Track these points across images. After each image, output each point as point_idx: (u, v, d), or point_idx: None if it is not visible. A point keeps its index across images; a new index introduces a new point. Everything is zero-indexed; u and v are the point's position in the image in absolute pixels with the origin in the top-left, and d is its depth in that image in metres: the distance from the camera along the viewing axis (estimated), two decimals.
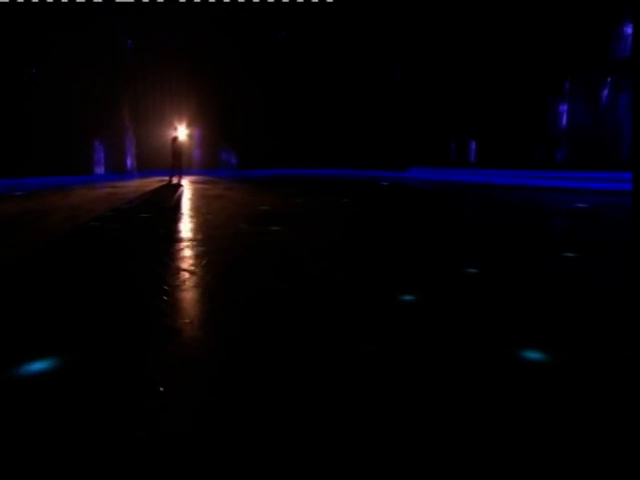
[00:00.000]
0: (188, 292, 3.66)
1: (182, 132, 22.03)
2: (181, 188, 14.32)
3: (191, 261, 4.69)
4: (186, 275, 4.13)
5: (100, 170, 22.15)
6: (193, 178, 19.06)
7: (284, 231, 6.47)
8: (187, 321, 3.01)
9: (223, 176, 20.74)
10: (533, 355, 2.48)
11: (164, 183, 16.06)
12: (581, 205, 9.90)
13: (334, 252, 5.16)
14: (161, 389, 2.12)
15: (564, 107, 15.94)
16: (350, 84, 23.76)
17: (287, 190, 13.95)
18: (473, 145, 18.80)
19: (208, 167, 25.05)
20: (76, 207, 9.76)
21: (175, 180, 15.97)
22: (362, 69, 23.28)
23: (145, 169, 23.50)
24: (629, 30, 14.33)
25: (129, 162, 23.38)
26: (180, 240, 5.87)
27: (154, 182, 17.01)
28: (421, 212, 8.58)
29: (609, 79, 15.27)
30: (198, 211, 8.86)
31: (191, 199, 11.25)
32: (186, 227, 6.95)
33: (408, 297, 3.53)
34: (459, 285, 3.84)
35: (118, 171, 22.63)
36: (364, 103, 23.34)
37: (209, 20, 23.02)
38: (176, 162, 16.14)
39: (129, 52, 23.15)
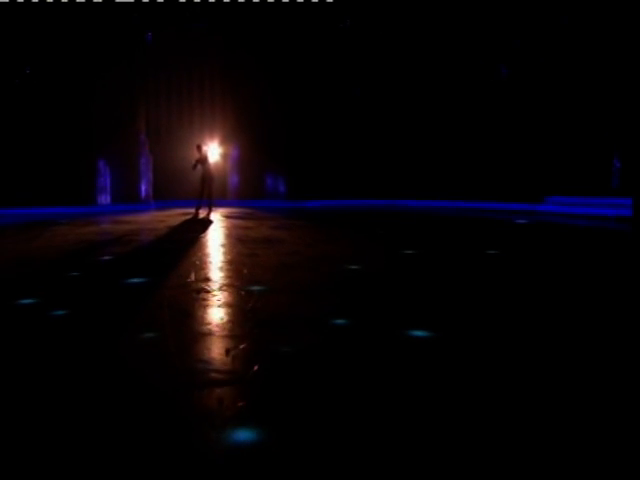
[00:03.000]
0: None
1: (214, 151, 21.60)
2: (210, 225, 11.80)
3: None
4: None
5: (105, 199, 21.12)
6: (228, 211, 17.06)
7: (450, 351, 2.78)
8: None
9: (269, 208, 18.67)
10: None
11: (188, 218, 14.13)
12: None
13: None
14: None
15: None
16: (446, 80, 20.59)
17: (376, 231, 10.43)
18: None
19: (248, 196, 23.69)
20: (33, 258, 6.89)
21: (203, 214, 14.44)
22: (464, 68, 20.07)
23: (165, 198, 23.06)
24: None
25: (144, 189, 22.34)
26: (184, 385, 2.38)
27: (174, 216, 14.81)
28: None
29: None
30: (236, 272, 5.38)
31: (223, 245, 7.98)
32: (206, 323, 3.48)
33: None
34: None
35: (129, 200, 21.50)
36: (464, 108, 20.12)
37: (254, 8, 20.78)
38: (205, 190, 14.94)
39: (148, 47, 22.70)
